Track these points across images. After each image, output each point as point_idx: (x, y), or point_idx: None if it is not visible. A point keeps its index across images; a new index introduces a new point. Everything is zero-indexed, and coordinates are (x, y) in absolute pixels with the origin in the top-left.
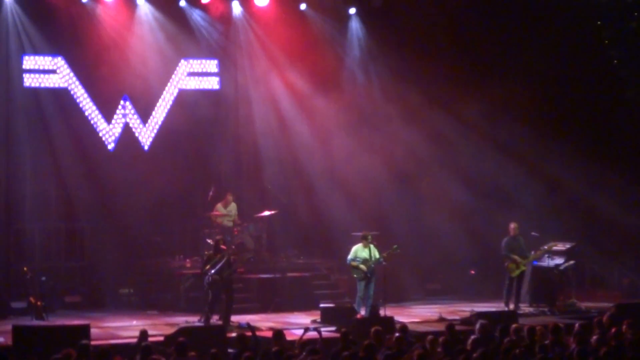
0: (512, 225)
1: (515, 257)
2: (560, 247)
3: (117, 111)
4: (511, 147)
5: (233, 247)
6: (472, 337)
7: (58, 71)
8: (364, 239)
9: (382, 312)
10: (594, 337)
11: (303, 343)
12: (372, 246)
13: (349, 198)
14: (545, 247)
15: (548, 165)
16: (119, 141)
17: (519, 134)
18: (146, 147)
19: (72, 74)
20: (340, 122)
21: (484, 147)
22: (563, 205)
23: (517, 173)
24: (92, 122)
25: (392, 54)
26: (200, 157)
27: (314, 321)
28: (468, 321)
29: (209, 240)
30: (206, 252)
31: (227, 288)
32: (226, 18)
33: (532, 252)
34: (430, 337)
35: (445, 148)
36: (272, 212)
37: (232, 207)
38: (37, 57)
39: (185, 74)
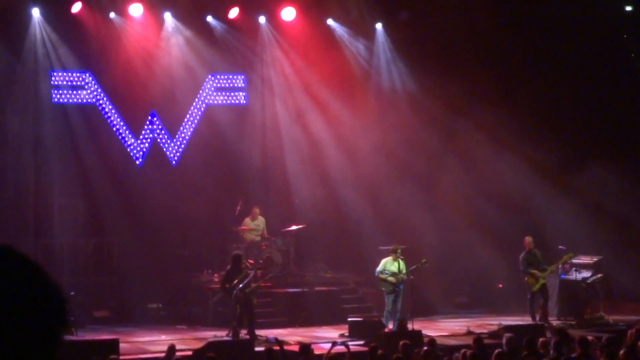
0: (528, 239)
1: (534, 271)
2: (586, 260)
3: (145, 126)
4: (539, 161)
5: (261, 261)
6: (497, 350)
7: (86, 87)
8: (393, 252)
9: (410, 326)
10: (622, 351)
11: (331, 357)
12: (400, 260)
13: (377, 212)
14: (563, 259)
15: (576, 178)
16: (147, 156)
17: (548, 148)
18: (174, 162)
19: (100, 90)
20: (367, 136)
21: (513, 161)
22: (591, 218)
23: (546, 186)
24: (120, 137)
25: (419, 67)
26: (228, 171)
27: (342, 335)
28: (496, 335)
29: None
30: (228, 268)
31: (247, 303)
32: (253, 33)
33: (556, 265)
34: (463, 350)
35: (472, 162)
36: (300, 226)
37: (260, 221)
38: (65, 73)
39: (213, 89)
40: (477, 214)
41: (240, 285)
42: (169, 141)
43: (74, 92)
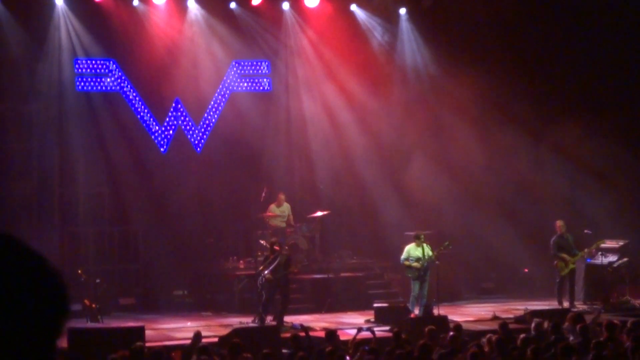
0: (559, 223)
1: (564, 255)
2: (614, 244)
3: (169, 114)
4: (562, 145)
5: (286, 247)
6: (522, 335)
7: (110, 75)
8: (416, 239)
9: (435, 312)
10: None
11: (357, 343)
12: (424, 245)
13: (401, 198)
14: (594, 245)
15: (600, 162)
16: (172, 144)
17: (570, 132)
18: (198, 150)
19: (124, 77)
20: (391, 122)
21: (536, 146)
22: (616, 202)
23: (569, 171)
24: (144, 125)
25: (443, 52)
26: (253, 158)
27: (367, 321)
28: (522, 319)
29: (262, 242)
30: (266, 254)
31: (282, 288)
32: (277, 19)
33: (586, 250)
34: (489, 335)
35: (496, 147)
36: (325, 212)
37: (285, 207)
38: (89, 61)
39: (237, 76)
40: (502, 198)
41: (266, 272)
42: (193, 128)
43: (98, 79)
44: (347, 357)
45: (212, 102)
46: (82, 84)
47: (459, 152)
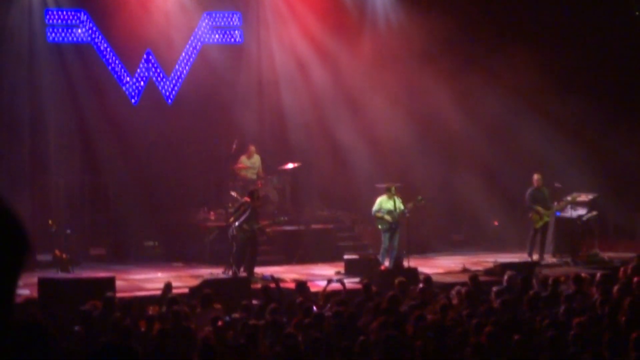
0: (536, 177)
1: (539, 208)
2: (583, 198)
3: (141, 65)
4: (533, 99)
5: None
6: (495, 288)
7: (81, 26)
8: (388, 191)
9: (406, 264)
10: (616, 287)
11: (327, 294)
12: (396, 198)
13: (372, 149)
14: (569, 198)
15: (571, 116)
16: (143, 95)
17: (540, 86)
18: (170, 101)
19: (95, 29)
20: (363, 74)
21: (507, 98)
22: (586, 156)
23: (540, 125)
24: (115, 76)
25: (414, 3)
26: (224, 110)
27: (337, 273)
28: (492, 272)
29: (232, 193)
30: (237, 205)
31: (250, 240)
32: None
33: (555, 203)
34: (458, 287)
35: (466, 98)
36: (296, 164)
37: (256, 159)
38: (60, 12)
39: (208, 27)
40: (472, 150)
41: (237, 224)
42: (164, 80)
43: (69, 30)
44: (315, 308)
45: (183, 54)
46: (53, 35)
47: (428, 103)
